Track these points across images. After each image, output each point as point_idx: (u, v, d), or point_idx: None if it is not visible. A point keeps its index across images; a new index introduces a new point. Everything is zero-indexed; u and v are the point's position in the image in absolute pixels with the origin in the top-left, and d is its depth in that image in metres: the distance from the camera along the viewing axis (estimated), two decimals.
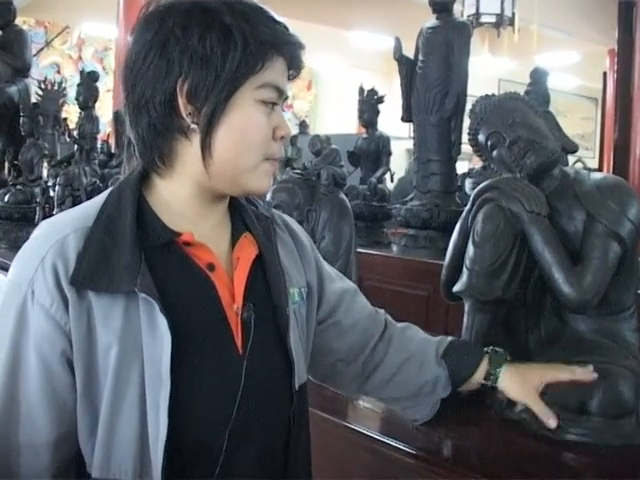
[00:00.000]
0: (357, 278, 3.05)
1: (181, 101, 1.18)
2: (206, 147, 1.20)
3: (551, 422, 1.66)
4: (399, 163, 8.60)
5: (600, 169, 10.08)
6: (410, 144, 5.44)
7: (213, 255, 1.25)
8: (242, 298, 1.26)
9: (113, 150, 7.40)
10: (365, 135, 6.10)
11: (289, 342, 1.32)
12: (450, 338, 1.76)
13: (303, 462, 1.39)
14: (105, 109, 8.97)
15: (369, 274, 4.45)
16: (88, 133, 6.48)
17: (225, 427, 1.19)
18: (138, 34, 1.22)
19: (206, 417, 1.18)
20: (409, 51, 5.19)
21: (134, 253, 1.15)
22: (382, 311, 1.76)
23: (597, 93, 13.89)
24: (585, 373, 1.71)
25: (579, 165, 5.21)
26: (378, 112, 6.01)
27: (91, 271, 1.13)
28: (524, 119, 2.07)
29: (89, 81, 6.62)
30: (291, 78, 1.30)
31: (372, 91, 5.98)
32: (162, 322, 1.13)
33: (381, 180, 5.99)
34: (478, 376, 1.70)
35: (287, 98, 1.30)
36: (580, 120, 15.13)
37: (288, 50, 1.25)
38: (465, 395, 1.84)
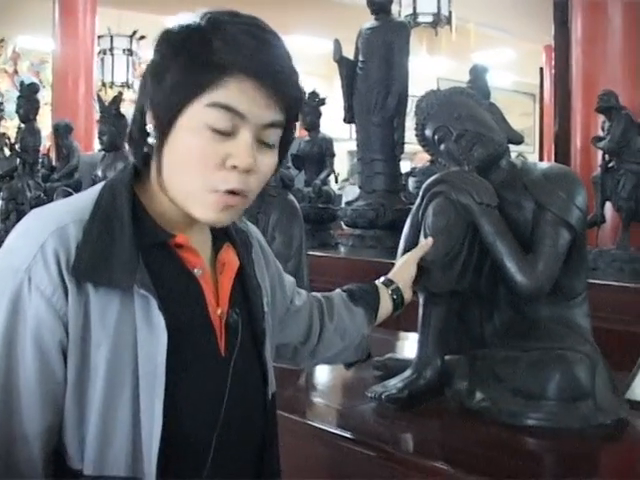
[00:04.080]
0: (308, 279, 3.06)
1: (148, 117, 1.18)
2: (157, 165, 1.20)
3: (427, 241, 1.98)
4: (341, 165, 8.64)
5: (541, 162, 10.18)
6: (352, 145, 5.46)
7: (201, 259, 1.26)
8: (227, 303, 1.27)
9: (54, 163, 7.33)
10: (308, 138, 6.12)
11: (264, 352, 1.35)
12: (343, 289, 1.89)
13: (276, 468, 1.41)
14: (44, 122, 8.86)
15: (318, 276, 4.44)
16: (30, 146, 6.36)
17: (214, 427, 1.20)
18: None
19: (195, 415, 1.19)
20: (348, 53, 5.22)
21: (132, 250, 1.14)
22: None
23: (534, 89, 14.08)
24: (422, 248, 1.98)
25: (520, 159, 5.28)
26: (320, 114, 6.03)
27: (91, 264, 1.11)
28: (470, 113, 2.09)
29: (30, 93, 6.52)
30: (280, 104, 1.17)
31: (314, 94, 6.00)
32: (159, 319, 1.12)
33: (326, 182, 6.01)
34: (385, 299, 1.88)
35: (274, 125, 1.19)
36: (519, 116, 15.26)
37: (256, 71, 1.13)
38: (425, 388, 1.88)
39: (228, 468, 1.25)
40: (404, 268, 1.96)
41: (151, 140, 1.19)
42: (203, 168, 1.15)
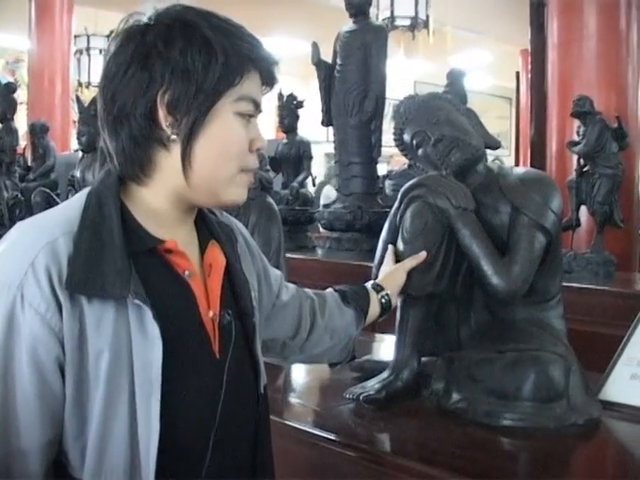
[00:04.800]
0: (287, 280, 3.07)
1: (161, 112, 1.20)
2: (186, 157, 1.22)
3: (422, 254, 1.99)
4: (318, 168, 8.64)
5: (516, 166, 10.24)
6: (328, 148, 5.47)
7: (190, 262, 1.27)
8: (218, 305, 1.30)
9: (30, 163, 7.28)
10: (285, 140, 6.11)
11: (255, 347, 1.38)
12: (335, 289, 1.96)
13: (269, 461, 1.44)
14: (20, 122, 8.82)
15: (296, 278, 4.43)
16: (8, 146, 6.30)
17: (211, 429, 1.23)
18: (119, 47, 1.22)
19: (193, 419, 1.21)
20: (326, 55, 5.23)
21: (124, 259, 1.15)
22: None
23: (511, 92, 14.14)
24: (415, 259, 1.99)
25: (497, 163, 5.31)
26: (298, 117, 6.02)
27: (84, 276, 1.11)
28: (448, 117, 2.12)
29: (7, 92, 6.48)
30: (264, 93, 1.32)
31: (291, 96, 5.99)
32: (153, 328, 1.14)
33: (303, 185, 6.01)
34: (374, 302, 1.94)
35: (261, 111, 1.32)
36: (495, 119, 15.34)
37: (263, 65, 1.28)
38: (402, 389, 1.91)
39: (226, 465, 1.28)
40: (394, 275, 2.00)
41: (173, 137, 1.22)
42: (241, 152, 1.28)
